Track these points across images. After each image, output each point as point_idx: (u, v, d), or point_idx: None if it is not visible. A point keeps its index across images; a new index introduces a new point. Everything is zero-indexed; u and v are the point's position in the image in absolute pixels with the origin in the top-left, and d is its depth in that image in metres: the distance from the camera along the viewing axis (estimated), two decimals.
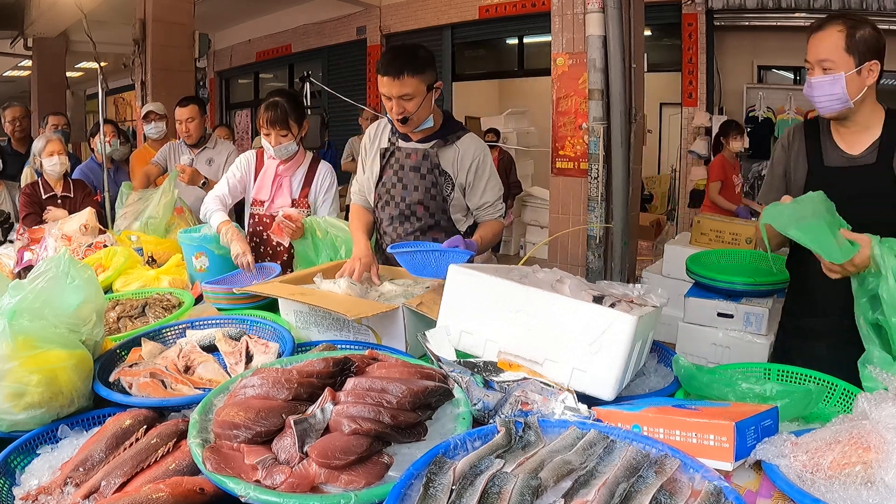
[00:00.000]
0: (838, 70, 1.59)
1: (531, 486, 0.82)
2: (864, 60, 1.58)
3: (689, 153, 6.27)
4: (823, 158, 1.73)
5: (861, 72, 1.59)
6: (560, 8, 3.93)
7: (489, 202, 2.11)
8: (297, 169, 2.54)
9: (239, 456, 0.93)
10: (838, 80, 1.58)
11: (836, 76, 1.59)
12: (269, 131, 2.40)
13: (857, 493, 0.83)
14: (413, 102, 1.92)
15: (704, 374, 1.26)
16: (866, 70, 1.59)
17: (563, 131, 4.06)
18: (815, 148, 1.74)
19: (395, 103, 1.92)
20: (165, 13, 6.22)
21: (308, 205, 2.53)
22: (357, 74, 8.62)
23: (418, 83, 1.91)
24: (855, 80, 1.59)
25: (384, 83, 1.91)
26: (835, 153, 1.71)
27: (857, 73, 1.58)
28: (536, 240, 6.80)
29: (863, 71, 1.59)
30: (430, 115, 2.01)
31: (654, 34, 6.44)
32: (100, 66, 4.06)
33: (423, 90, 1.93)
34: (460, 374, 1.17)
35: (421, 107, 1.94)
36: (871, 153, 1.66)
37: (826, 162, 1.72)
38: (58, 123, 4.64)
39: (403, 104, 1.92)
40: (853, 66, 1.58)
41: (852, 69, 1.58)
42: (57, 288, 1.26)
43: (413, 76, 1.89)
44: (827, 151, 1.73)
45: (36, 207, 3.18)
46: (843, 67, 1.58)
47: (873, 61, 1.59)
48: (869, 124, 1.66)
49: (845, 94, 1.59)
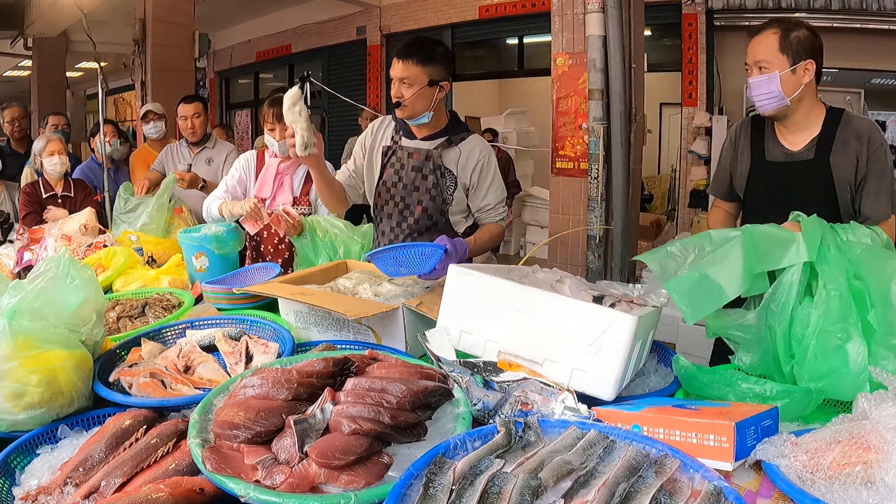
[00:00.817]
0: (773, 69, 1.66)
1: (531, 487, 0.82)
2: (798, 60, 1.65)
3: (689, 153, 6.27)
4: (765, 153, 1.79)
5: (796, 71, 1.65)
6: (560, 8, 3.93)
7: (490, 204, 2.10)
8: (298, 167, 2.55)
9: (239, 456, 0.93)
10: (773, 79, 1.66)
11: (772, 75, 1.66)
12: (275, 126, 2.44)
13: (857, 493, 0.83)
14: (410, 89, 1.94)
15: (704, 374, 1.25)
16: (801, 69, 1.65)
17: (563, 131, 4.06)
18: (758, 143, 1.81)
19: (395, 85, 1.97)
20: (165, 13, 6.22)
21: (309, 203, 2.54)
22: (357, 74, 8.62)
23: (420, 72, 1.93)
24: (790, 78, 1.66)
25: (393, 64, 1.97)
26: (776, 149, 1.78)
27: (791, 72, 1.65)
28: (536, 240, 6.80)
29: (798, 70, 1.65)
30: (429, 112, 2.00)
31: (654, 34, 6.44)
32: (100, 66, 4.06)
33: (424, 81, 1.94)
34: (460, 374, 1.17)
35: (417, 96, 1.94)
36: (809, 149, 1.72)
37: (767, 157, 1.79)
38: (58, 123, 4.64)
39: (402, 88, 1.95)
40: (788, 66, 1.65)
41: (787, 68, 1.65)
42: (57, 288, 1.26)
43: (417, 64, 1.92)
44: (769, 147, 1.79)
45: (36, 207, 3.18)
46: (778, 67, 1.66)
47: (808, 60, 1.66)
48: (808, 122, 1.72)
49: (781, 93, 1.66)
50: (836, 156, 1.67)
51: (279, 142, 2.45)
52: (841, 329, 1.23)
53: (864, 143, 1.65)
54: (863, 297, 1.26)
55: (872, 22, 5.46)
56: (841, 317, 1.24)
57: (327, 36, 9.01)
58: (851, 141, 1.66)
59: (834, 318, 1.24)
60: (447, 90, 2.04)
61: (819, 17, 5.47)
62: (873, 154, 1.65)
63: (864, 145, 1.65)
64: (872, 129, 1.68)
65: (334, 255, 2.20)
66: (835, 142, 1.68)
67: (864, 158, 1.65)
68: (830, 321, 1.25)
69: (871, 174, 1.65)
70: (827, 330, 1.25)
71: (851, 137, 1.67)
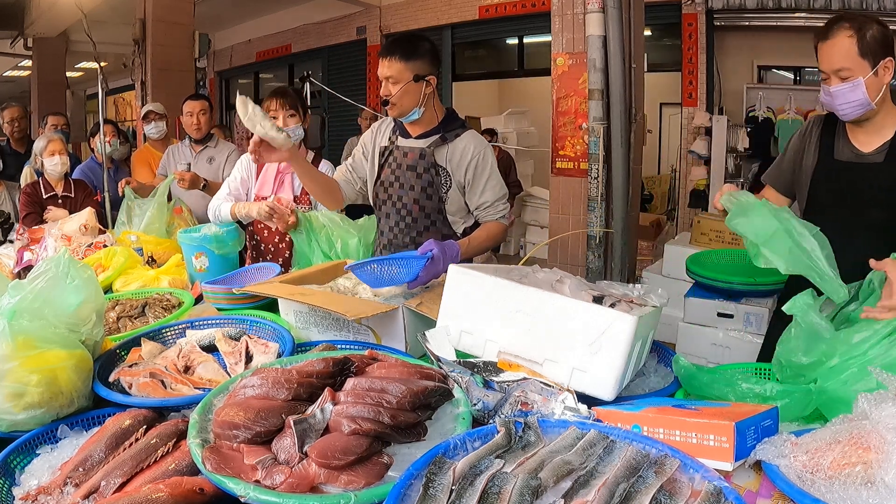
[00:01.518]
0: (856, 76, 1.57)
1: (531, 487, 0.82)
2: (878, 60, 1.57)
3: (689, 153, 6.27)
4: (834, 151, 1.73)
5: (878, 72, 1.58)
6: (560, 8, 3.93)
7: (488, 202, 2.06)
8: None
9: (238, 456, 0.93)
10: (858, 86, 1.57)
11: (856, 82, 1.57)
12: (279, 113, 2.47)
13: (857, 493, 0.83)
14: (395, 87, 1.95)
15: (704, 374, 1.25)
16: (882, 69, 1.58)
17: (563, 131, 4.06)
18: (829, 140, 1.74)
19: (383, 84, 1.98)
20: (165, 13, 6.22)
21: (310, 202, 2.55)
22: (357, 74, 8.62)
23: (403, 68, 1.93)
24: (874, 81, 1.58)
25: (379, 63, 1.99)
26: (846, 148, 1.71)
27: (874, 74, 1.58)
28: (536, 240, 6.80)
29: (879, 71, 1.58)
30: (418, 108, 2.00)
31: (654, 34, 6.44)
32: (100, 66, 4.06)
33: (408, 77, 1.94)
34: (460, 374, 1.17)
35: (403, 93, 1.95)
36: (880, 153, 1.66)
37: (836, 155, 1.72)
38: (57, 123, 4.64)
39: (388, 86, 1.97)
40: (870, 69, 1.57)
41: (869, 72, 1.57)
42: (57, 288, 1.26)
43: (399, 60, 1.93)
44: (839, 145, 1.73)
45: (36, 207, 3.18)
46: (861, 72, 1.57)
47: (888, 59, 1.58)
48: (884, 124, 1.66)
49: (867, 98, 1.59)
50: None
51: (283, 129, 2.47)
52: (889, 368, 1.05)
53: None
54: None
55: None
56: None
57: (327, 36, 9.01)
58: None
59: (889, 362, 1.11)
60: (434, 84, 2.03)
61: (819, 17, 5.47)
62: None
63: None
64: None
65: (331, 250, 2.20)
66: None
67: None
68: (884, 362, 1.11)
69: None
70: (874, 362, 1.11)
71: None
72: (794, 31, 5.61)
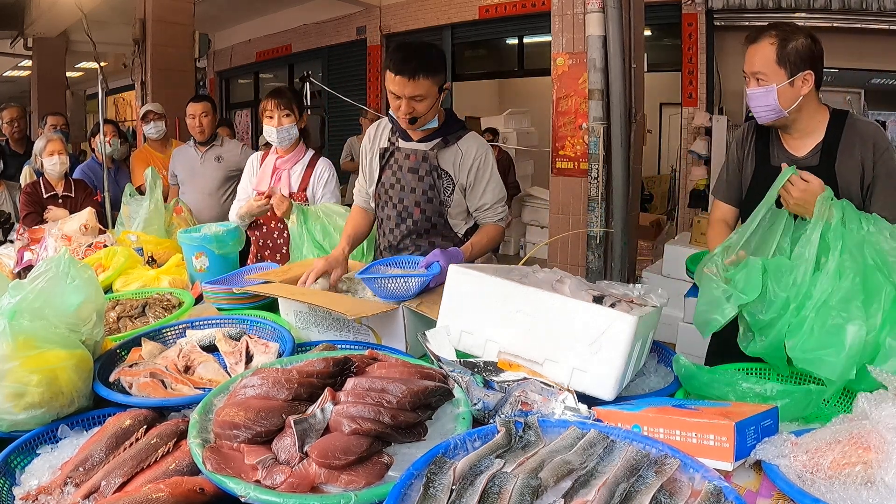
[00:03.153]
0: (770, 82, 1.62)
1: (531, 486, 0.82)
2: (796, 72, 1.60)
3: (689, 153, 6.27)
4: (770, 157, 1.76)
5: (794, 83, 1.61)
6: (560, 8, 3.93)
7: (487, 204, 2.06)
8: (296, 163, 2.61)
9: (239, 456, 0.93)
10: (770, 92, 1.62)
11: (769, 88, 1.62)
12: (274, 113, 2.52)
13: (857, 493, 0.83)
14: (424, 104, 1.89)
15: (704, 374, 1.26)
16: (799, 81, 1.61)
17: (563, 131, 4.05)
18: (764, 146, 1.78)
19: (405, 103, 1.88)
20: (165, 13, 6.22)
21: (306, 198, 2.59)
22: (357, 74, 8.62)
23: (431, 84, 1.88)
24: (787, 91, 1.62)
25: (396, 82, 1.86)
26: (781, 154, 1.74)
27: (789, 84, 1.61)
28: (536, 240, 6.80)
29: (796, 82, 1.61)
30: (436, 116, 2.00)
31: (654, 34, 6.44)
32: (100, 66, 4.06)
33: (435, 92, 1.91)
34: (460, 374, 1.17)
35: (431, 108, 1.93)
36: (814, 155, 1.68)
37: (772, 161, 1.75)
38: (56, 123, 4.64)
39: (414, 104, 1.89)
40: (785, 78, 1.61)
41: (784, 81, 1.61)
42: (57, 288, 1.26)
43: (427, 78, 1.86)
44: (774, 151, 1.76)
45: (37, 207, 3.18)
46: (775, 79, 1.61)
47: (807, 72, 1.61)
48: (811, 128, 1.69)
49: (777, 105, 1.63)
50: (842, 162, 1.64)
51: (277, 128, 2.53)
52: (845, 309, 1.25)
53: (869, 147, 1.62)
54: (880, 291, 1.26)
55: (872, 22, 5.46)
56: (847, 297, 1.25)
57: (327, 36, 9.01)
58: (857, 145, 1.63)
59: (841, 297, 1.26)
60: (448, 89, 2.03)
61: (819, 17, 5.48)
62: (879, 158, 1.61)
63: (869, 150, 1.62)
64: (877, 133, 1.65)
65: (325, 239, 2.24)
66: (839, 147, 1.65)
67: (869, 164, 1.62)
68: (836, 298, 1.26)
69: (878, 178, 1.61)
70: (830, 306, 1.26)
71: (857, 142, 1.64)
72: None
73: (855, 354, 1.22)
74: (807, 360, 1.27)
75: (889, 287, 1.27)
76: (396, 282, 1.63)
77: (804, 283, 1.32)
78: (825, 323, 1.26)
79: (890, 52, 5.56)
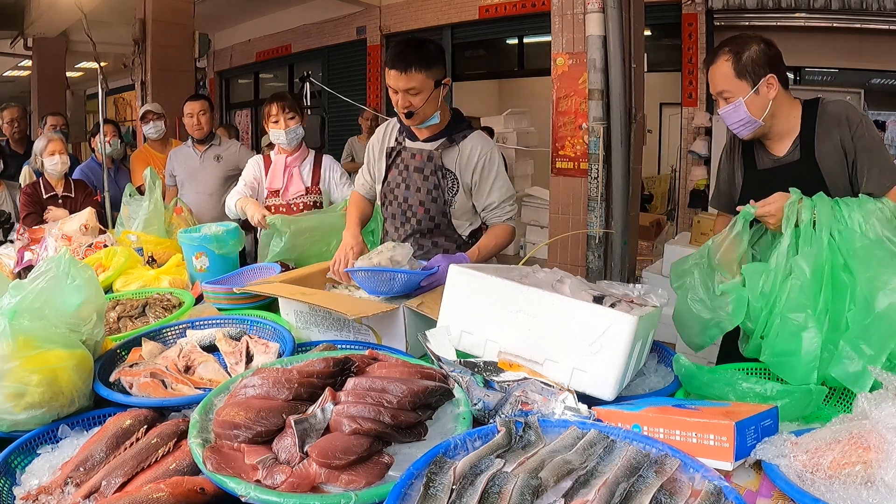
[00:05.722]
0: (736, 97, 1.64)
1: (531, 486, 0.82)
2: (758, 79, 1.62)
3: (689, 153, 6.28)
4: (756, 162, 1.78)
5: (759, 91, 1.62)
6: (560, 8, 3.92)
7: (495, 203, 2.05)
8: (304, 161, 2.77)
9: (239, 456, 0.93)
10: (740, 107, 1.64)
11: (737, 103, 1.64)
12: (279, 117, 2.64)
13: (857, 493, 0.83)
14: (419, 97, 1.91)
15: (704, 374, 1.26)
16: (764, 86, 1.62)
17: (563, 131, 4.05)
18: (749, 152, 1.80)
19: (401, 97, 1.92)
20: (165, 13, 6.22)
21: (320, 191, 2.74)
22: (357, 74, 8.62)
23: (425, 78, 1.90)
24: (755, 100, 1.63)
25: (391, 76, 1.91)
26: (765, 156, 1.77)
27: (755, 93, 1.62)
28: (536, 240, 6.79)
29: (760, 89, 1.62)
30: (437, 112, 2.00)
31: (654, 34, 6.44)
32: (100, 66, 4.06)
33: (430, 85, 1.92)
34: (460, 374, 1.17)
35: (427, 102, 1.93)
36: (793, 151, 1.70)
37: (758, 165, 1.77)
38: (56, 124, 4.64)
39: (409, 98, 1.91)
40: (749, 89, 1.62)
41: (749, 91, 1.62)
42: (57, 288, 1.26)
43: (420, 71, 1.88)
44: (759, 155, 1.78)
45: (37, 207, 3.18)
46: (740, 93, 1.63)
47: (769, 76, 1.62)
48: (788, 127, 1.70)
49: (750, 117, 1.64)
50: (821, 150, 1.65)
51: (285, 130, 2.63)
52: (798, 317, 1.33)
53: (844, 125, 1.63)
54: (844, 292, 1.33)
55: (872, 22, 5.46)
56: (800, 305, 1.33)
57: (327, 36, 9.01)
58: (832, 128, 1.64)
59: (793, 306, 1.34)
60: (449, 85, 2.03)
61: (819, 17, 5.48)
62: (856, 132, 1.61)
63: (844, 128, 1.62)
64: (848, 108, 1.65)
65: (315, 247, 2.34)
66: (816, 136, 1.66)
67: (848, 141, 1.62)
68: (790, 307, 1.34)
69: (860, 152, 1.61)
70: (786, 316, 1.34)
71: (831, 125, 1.64)
72: (794, 31, 5.61)
73: (813, 359, 1.28)
74: (774, 364, 1.35)
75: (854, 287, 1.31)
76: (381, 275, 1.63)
77: (773, 290, 1.40)
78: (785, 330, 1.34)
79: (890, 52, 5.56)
